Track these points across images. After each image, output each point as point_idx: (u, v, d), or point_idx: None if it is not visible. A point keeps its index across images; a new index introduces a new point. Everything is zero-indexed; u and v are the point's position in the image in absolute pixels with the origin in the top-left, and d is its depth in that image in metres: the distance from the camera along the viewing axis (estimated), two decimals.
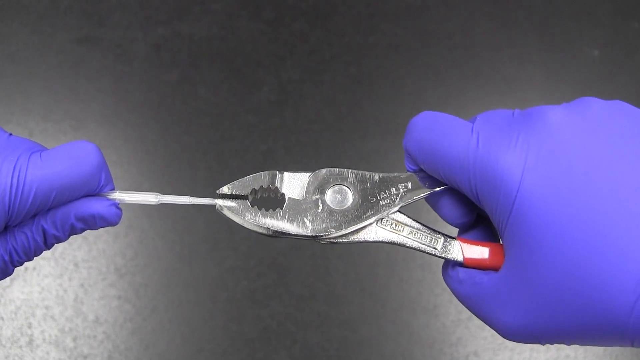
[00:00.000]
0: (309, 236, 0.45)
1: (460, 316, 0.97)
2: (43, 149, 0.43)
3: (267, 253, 0.99)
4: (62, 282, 0.96)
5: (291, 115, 1.09)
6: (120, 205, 0.44)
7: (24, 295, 0.96)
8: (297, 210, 0.45)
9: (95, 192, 0.44)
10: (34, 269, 0.97)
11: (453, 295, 0.45)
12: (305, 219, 0.45)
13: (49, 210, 0.43)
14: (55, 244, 0.45)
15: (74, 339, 0.94)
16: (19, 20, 1.13)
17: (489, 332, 0.96)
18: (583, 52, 1.17)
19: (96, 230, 0.98)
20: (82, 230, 0.44)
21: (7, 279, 0.96)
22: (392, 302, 0.98)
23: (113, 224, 0.44)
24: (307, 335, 0.96)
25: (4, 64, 1.10)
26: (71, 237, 0.45)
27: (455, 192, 0.45)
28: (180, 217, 1.01)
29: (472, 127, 0.41)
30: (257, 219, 0.45)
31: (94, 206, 0.43)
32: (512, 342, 0.95)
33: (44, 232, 0.43)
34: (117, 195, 0.45)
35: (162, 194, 0.46)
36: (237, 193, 0.45)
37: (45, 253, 0.96)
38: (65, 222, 0.43)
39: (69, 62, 1.11)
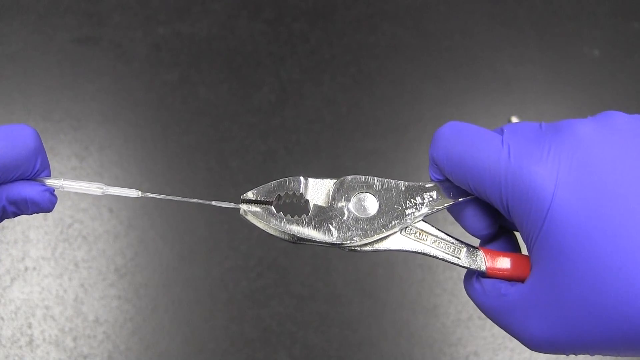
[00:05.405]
0: (334, 244, 0.44)
1: (460, 316, 0.97)
2: None
3: (267, 253, 0.99)
4: (62, 282, 0.96)
5: (291, 115, 1.09)
6: (120, 206, 0.44)
7: (24, 295, 0.96)
8: (323, 217, 0.45)
9: (30, 177, 0.43)
10: (34, 269, 0.97)
11: (453, 295, 0.45)
12: (331, 227, 0.45)
13: None
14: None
15: (74, 339, 0.94)
16: (19, 20, 1.13)
17: (489, 332, 0.96)
18: (583, 52, 1.17)
19: (96, 231, 0.99)
20: (15, 214, 0.43)
21: (8, 278, 0.96)
22: (392, 302, 0.98)
23: (46, 210, 0.44)
24: (307, 335, 0.96)
25: (4, 64, 1.10)
26: (71, 237, 0.44)
27: (479, 204, 0.45)
28: (180, 217, 1.00)
29: (502, 139, 0.41)
30: (282, 225, 0.45)
31: (26, 190, 0.42)
32: (512, 342, 0.95)
33: None
34: (62, 182, 0.44)
35: (142, 190, 0.45)
36: (262, 199, 0.45)
37: (45, 253, 0.97)
38: None
39: (69, 62, 1.11)
